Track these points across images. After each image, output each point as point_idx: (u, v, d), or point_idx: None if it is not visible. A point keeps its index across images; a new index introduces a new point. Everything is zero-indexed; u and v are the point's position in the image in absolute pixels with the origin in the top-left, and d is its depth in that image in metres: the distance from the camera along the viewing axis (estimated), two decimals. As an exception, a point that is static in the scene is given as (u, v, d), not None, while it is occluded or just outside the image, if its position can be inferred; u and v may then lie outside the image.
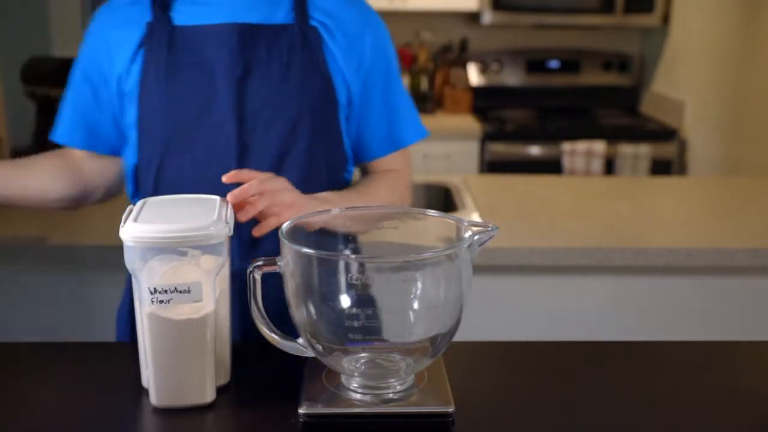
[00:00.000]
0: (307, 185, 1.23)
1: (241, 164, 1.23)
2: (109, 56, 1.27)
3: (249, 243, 1.22)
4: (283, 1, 1.28)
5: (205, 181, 1.20)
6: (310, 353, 0.99)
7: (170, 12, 1.26)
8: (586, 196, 2.36)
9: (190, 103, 1.23)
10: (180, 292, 0.94)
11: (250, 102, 1.23)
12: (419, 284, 0.92)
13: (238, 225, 1.07)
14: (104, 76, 1.28)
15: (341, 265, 0.92)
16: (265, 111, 1.23)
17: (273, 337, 1.00)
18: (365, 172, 1.41)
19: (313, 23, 1.27)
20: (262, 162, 1.23)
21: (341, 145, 1.31)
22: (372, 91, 1.32)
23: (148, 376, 0.98)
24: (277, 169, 1.23)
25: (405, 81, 3.39)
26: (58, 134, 1.34)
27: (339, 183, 1.32)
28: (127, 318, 1.35)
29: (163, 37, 1.23)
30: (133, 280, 0.96)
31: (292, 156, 1.25)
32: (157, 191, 1.24)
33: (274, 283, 0.97)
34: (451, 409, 0.94)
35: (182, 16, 1.26)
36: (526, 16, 3.74)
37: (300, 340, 0.99)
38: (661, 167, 3.50)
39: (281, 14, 1.27)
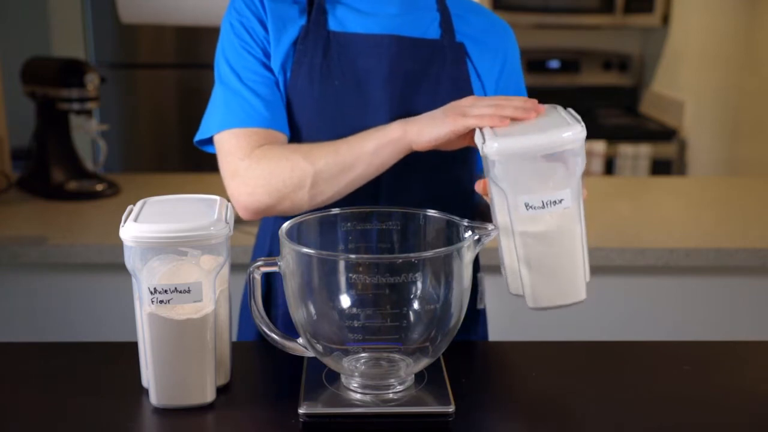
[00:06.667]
0: (439, 189, 1.26)
1: (388, 172, 1.21)
2: (269, 47, 1.25)
3: None
4: (432, 17, 1.29)
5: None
6: (310, 353, 0.99)
7: (326, 15, 1.25)
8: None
9: (343, 110, 1.22)
10: (180, 292, 0.94)
11: (403, 114, 1.22)
12: (419, 284, 0.92)
13: None
14: (268, 63, 1.25)
15: (341, 265, 0.92)
16: None
17: (273, 337, 1.00)
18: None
19: (459, 39, 1.29)
20: (408, 171, 1.22)
21: (473, 153, 1.31)
22: None
23: (148, 376, 0.98)
24: (424, 178, 1.24)
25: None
26: (262, 120, 1.21)
27: (466, 186, 1.32)
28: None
29: (318, 42, 1.23)
30: (133, 280, 0.96)
31: (436, 165, 1.25)
32: None
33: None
34: (451, 409, 0.94)
35: (338, 21, 1.25)
36: (526, 16, 3.73)
37: (300, 340, 0.99)
38: (661, 167, 3.50)
39: (431, 29, 1.28)
